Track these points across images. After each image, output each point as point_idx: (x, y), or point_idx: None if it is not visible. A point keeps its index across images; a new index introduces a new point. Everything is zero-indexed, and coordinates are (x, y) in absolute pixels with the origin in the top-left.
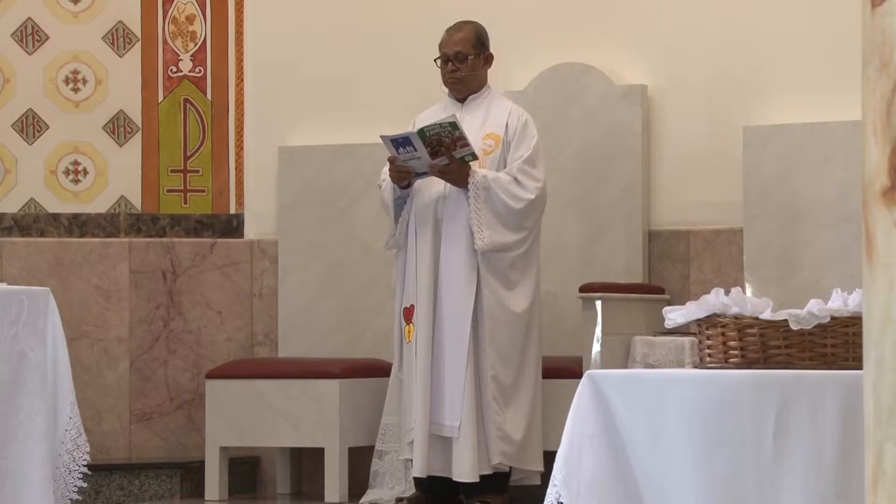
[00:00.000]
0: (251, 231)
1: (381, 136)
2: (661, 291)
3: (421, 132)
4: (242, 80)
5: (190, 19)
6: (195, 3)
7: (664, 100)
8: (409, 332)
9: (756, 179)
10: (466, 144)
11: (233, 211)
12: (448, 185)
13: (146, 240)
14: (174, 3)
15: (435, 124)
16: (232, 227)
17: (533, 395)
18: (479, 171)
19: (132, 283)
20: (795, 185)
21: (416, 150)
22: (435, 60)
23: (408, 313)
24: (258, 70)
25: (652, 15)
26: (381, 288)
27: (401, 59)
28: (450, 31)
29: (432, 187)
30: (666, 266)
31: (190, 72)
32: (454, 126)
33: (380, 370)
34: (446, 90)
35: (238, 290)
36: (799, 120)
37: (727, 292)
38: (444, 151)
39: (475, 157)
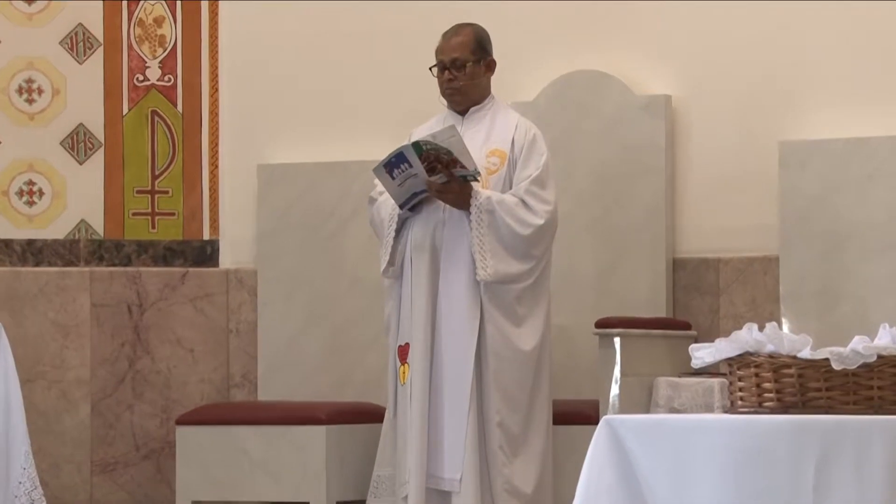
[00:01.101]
0: (227, 259)
1: (374, 171)
2: (688, 327)
3: (416, 146)
4: (217, 89)
5: (158, 22)
6: (164, 3)
7: (691, 112)
8: (403, 373)
9: (794, 201)
10: (465, 167)
11: (206, 237)
12: (447, 207)
13: (109, 269)
14: (140, 3)
15: (432, 141)
16: (205, 254)
17: (544, 443)
18: (483, 191)
19: (94, 318)
20: (837, 208)
21: (411, 166)
22: (431, 69)
23: (402, 352)
24: (235, 78)
25: (677, 17)
26: (374, 322)
27: (394, 68)
28: (447, 35)
29: (430, 210)
30: (693, 298)
31: (158, 80)
32: (448, 154)
33: (371, 415)
34: (444, 102)
35: (212, 325)
36: (841, 135)
37: (761, 328)
38: (442, 168)
39: (477, 177)
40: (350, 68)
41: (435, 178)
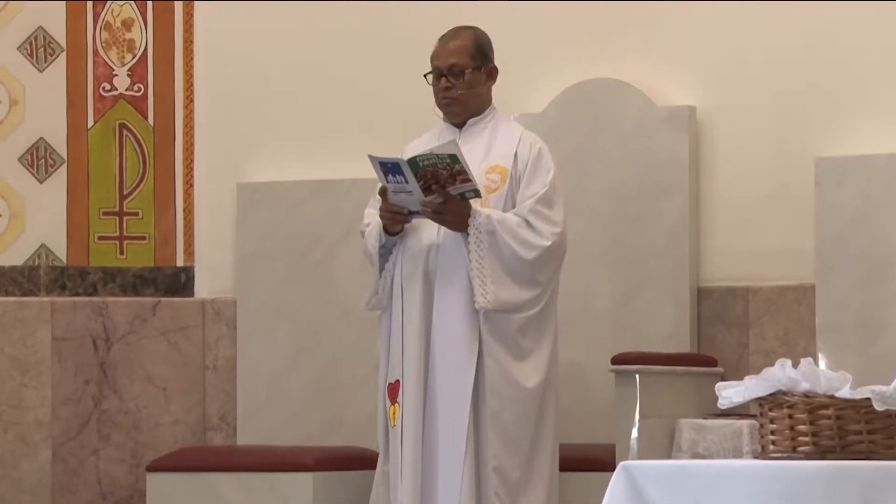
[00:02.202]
0: (203, 288)
1: (370, 157)
2: (714, 363)
3: (413, 161)
4: (192, 100)
5: (127, 25)
6: (133, 4)
7: (717, 124)
8: (393, 413)
9: (831, 223)
10: (468, 179)
11: (180, 263)
12: (442, 227)
13: (73, 299)
14: (107, 5)
15: (431, 154)
16: (179, 283)
17: (547, 490)
18: (482, 210)
19: (55, 353)
20: (879, 230)
21: (407, 181)
22: (426, 76)
23: (392, 390)
24: (212, 87)
25: (702, 19)
26: (366, 357)
27: (388, 77)
28: (443, 39)
29: (422, 231)
30: (719, 332)
31: (127, 90)
32: (454, 159)
33: (363, 461)
34: (440, 113)
35: (187, 360)
36: (883, 150)
37: (795, 364)
38: (438, 189)
39: (478, 195)
40: (340, 77)
41: (431, 198)
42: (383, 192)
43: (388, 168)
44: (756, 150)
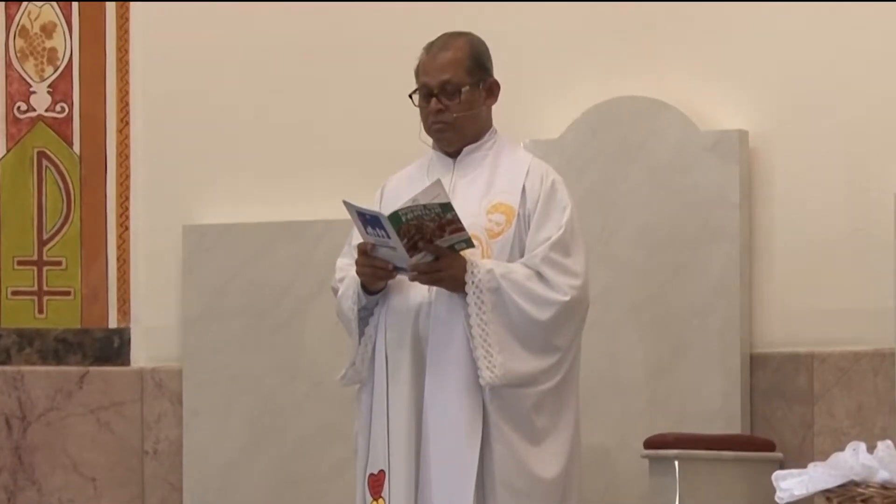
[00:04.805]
0: (141, 355)
1: (346, 203)
2: (771, 447)
3: (395, 217)
4: (128, 123)
5: (47, 30)
6: (56, 5)
7: (774, 153)
8: None
9: None
10: (459, 229)
11: (113, 324)
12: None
13: None
14: (23, 6)
15: (416, 205)
16: (112, 348)
17: None
18: (482, 263)
19: None
20: None
21: (388, 236)
22: (411, 95)
23: (375, 483)
24: (152, 108)
25: (755, 27)
26: (340, 442)
27: (366, 96)
28: (432, 49)
29: (409, 288)
30: (778, 408)
31: (48, 110)
32: (446, 207)
33: None
34: (429, 140)
35: (121, 444)
36: None
37: (871, 448)
38: (425, 245)
39: (471, 245)
40: (310, 97)
41: (418, 257)
42: (364, 250)
43: (367, 219)
44: (822, 186)
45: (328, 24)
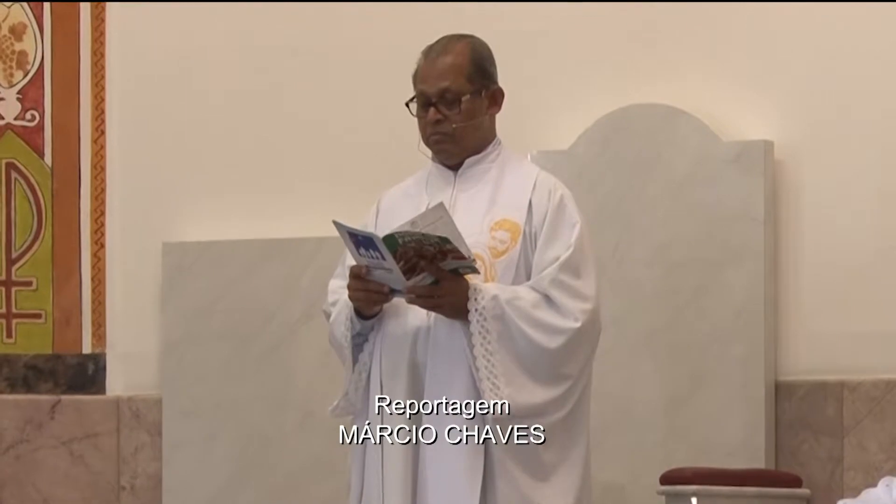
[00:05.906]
0: (118, 382)
1: (336, 224)
2: (797, 483)
3: (391, 239)
4: (103, 132)
5: (17, 32)
6: (26, 5)
7: (802, 166)
8: None
9: None
10: (462, 256)
11: (87, 350)
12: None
13: None
14: None
15: (415, 232)
16: (86, 375)
17: None
18: (486, 288)
19: None
20: None
21: (383, 257)
22: (408, 104)
23: None
24: (130, 117)
25: (781, 31)
26: (333, 476)
27: (358, 105)
28: (430, 54)
29: (406, 312)
30: (805, 441)
31: (17, 119)
32: (444, 241)
33: None
34: (428, 152)
35: (96, 479)
36: None
37: None
38: (426, 266)
39: (474, 271)
40: (299, 104)
41: (417, 279)
42: (358, 273)
43: (360, 241)
44: (853, 201)
45: (317, 32)
